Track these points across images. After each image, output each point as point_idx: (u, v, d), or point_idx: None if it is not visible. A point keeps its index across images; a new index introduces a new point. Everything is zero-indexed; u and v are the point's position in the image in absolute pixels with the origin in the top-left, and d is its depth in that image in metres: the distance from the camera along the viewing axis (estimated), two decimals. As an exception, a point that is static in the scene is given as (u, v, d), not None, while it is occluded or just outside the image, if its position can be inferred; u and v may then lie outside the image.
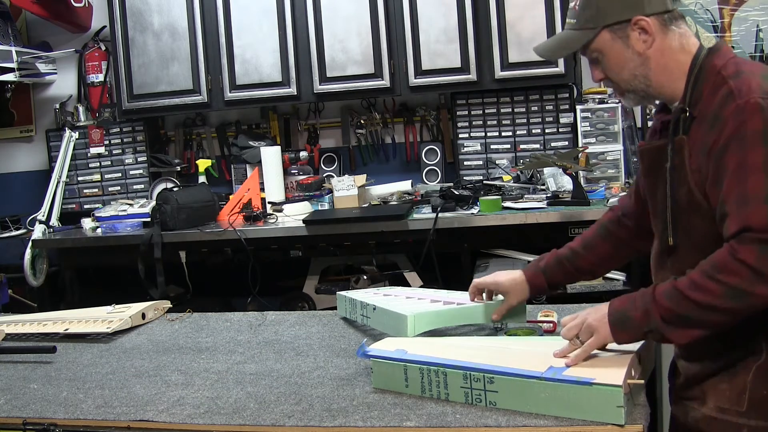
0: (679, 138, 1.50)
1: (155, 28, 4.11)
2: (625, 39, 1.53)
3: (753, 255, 1.35)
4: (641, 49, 1.53)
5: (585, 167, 3.58)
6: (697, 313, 1.40)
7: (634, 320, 1.46)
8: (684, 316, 1.42)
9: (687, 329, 1.42)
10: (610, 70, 1.58)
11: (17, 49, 4.19)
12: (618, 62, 1.56)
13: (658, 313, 1.43)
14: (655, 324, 1.44)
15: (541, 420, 1.46)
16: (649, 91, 1.56)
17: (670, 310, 1.42)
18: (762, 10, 3.93)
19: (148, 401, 1.76)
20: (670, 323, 1.43)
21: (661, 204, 1.56)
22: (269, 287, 3.71)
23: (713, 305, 1.39)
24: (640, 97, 1.59)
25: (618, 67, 1.56)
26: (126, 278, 3.85)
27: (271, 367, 1.95)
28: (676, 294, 1.42)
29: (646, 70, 1.54)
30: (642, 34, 1.52)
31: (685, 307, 1.41)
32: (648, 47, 1.53)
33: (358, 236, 3.56)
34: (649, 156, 1.61)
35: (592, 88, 4.00)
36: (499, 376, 1.52)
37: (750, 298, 1.37)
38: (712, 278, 1.39)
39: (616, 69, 1.57)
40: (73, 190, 4.44)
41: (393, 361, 1.67)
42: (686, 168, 1.49)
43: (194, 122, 4.56)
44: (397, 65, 3.93)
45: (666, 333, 1.44)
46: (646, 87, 1.56)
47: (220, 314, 2.56)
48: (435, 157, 4.29)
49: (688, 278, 1.42)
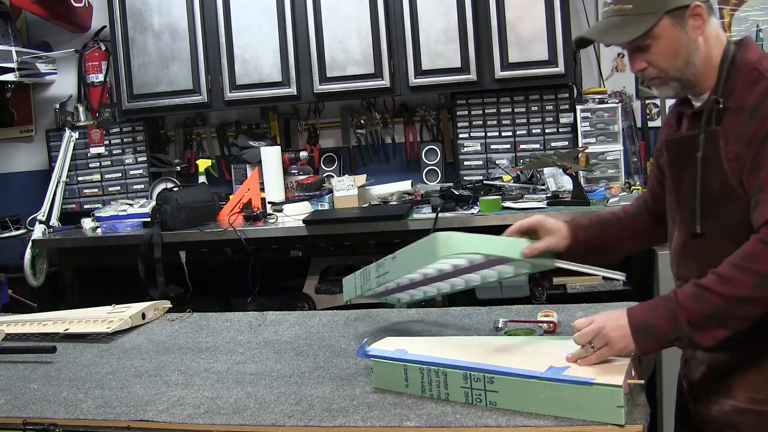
0: (712, 129, 1.49)
1: (155, 28, 4.11)
2: (683, 25, 1.51)
3: None
4: (695, 35, 1.52)
5: (585, 167, 3.58)
6: (728, 308, 1.38)
7: (659, 329, 1.42)
8: (714, 316, 1.39)
9: (717, 329, 1.39)
10: (662, 57, 1.53)
11: (17, 49, 4.20)
12: (673, 49, 1.52)
13: (685, 318, 1.40)
14: (682, 331, 1.40)
15: (541, 420, 1.46)
16: (692, 80, 1.55)
17: (698, 313, 1.39)
18: (762, 10, 3.93)
19: (148, 401, 1.76)
20: (699, 326, 1.39)
21: (688, 193, 1.54)
22: (269, 287, 3.71)
23: (746, 296, 1.36)
24: (683, 86, 1.56)
25: (672, 54, 1.52)
26: (126, 278, 3.85)
27: (271, 367, 1.95)
28: (702, 293, 1.40)
29: (696, 58, 1.53)
30: (697, 20, 1.51)
31: (715, 304, 1.38)
32: (700, 34, 1.52)
33: (358, 236, 3.56)
34: (676, 146, 1.60)
35: (592, 88, 4.01)
36: (499, 376, 1.52)
37: None
38: (743, 269, 1.37)
39: (669, 56, 1.53)
40: (73, 190, 4.44)
41: (393, 361, 1.67)
42: (721, 157, 1.48)
43: (194, 122, 4.56)
44: (397, 65, 3.93)
45: (695, 338, 1.40)
46: (692, 76, 1.54)
47: (220, 314, 2.56)
48: (435, 157, 4.29)
49: (713, 274, 1.40)
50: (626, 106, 3.94)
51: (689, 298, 1.41)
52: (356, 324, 2.29)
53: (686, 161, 1.55)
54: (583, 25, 4.10)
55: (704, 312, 1.39)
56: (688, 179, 1.55)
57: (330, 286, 3.88)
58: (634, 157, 3.93)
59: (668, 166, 1.63)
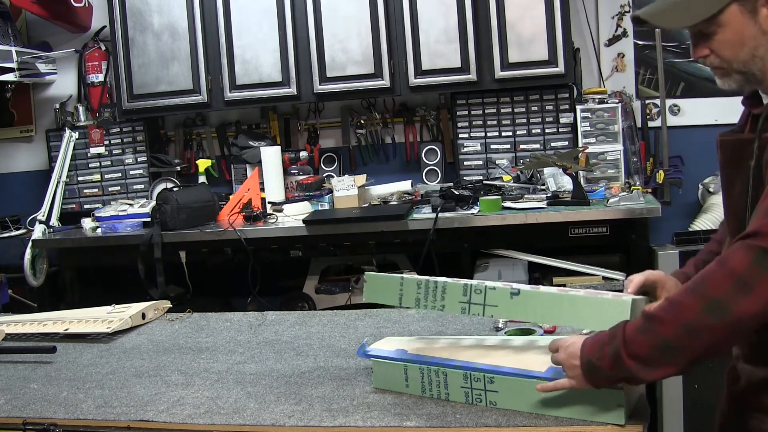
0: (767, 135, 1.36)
1: (155, 28, 4.11)
2: (753, 14, 1.37)
3: (745, 262, 1.23)
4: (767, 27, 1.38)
5: (585, 167, 3.58)
6: (677, 338, 1.26)
7: (604, 370, 1.33)
8: (663, 347, 1.27)
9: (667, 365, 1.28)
10: (726, 46, 1.40)
11: (17, 49, 4.19)
12: (739, 39, 1.39)
13: (629, 356, 1.29)
14: (626, 371, 1.30)
15: (541, 420, 1.46)
16: (758, 75, 1.41)
17: (646, 346, 1.28)
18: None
19: (148, 401, 1.76)
20: (647, 361, 1.28)
21: (738, 202, 1.42)
22: (269, 287, 3.71)
23: (693, 324, 1.24)
24: (747, 80, 1.43)
25: (737, 44, 1.39)
26: (126, 278, 3.85)
27: (271, 367, 1.95)
28: (650, 324, 1.29)
29: (765, 52, 1.39)
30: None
31: (663, 334, 1.27)
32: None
33: (358, 236, 3.56)
34: (729, 148, 1.47)
35: (592, 88, 4.01)
36: (500, 376, 1.52)
37: (731, 313, 1.23)
38: (692, 292, 1.26)
39: (733, 46, 1.39)
40: (73, 190, 4.44)
41: (393, 361, 1.67)
42: None
43: (194, 122, 4.56)
44: (397, 65, 3.93)
45: (642, 375, 1.30)
46: (758, 70, 1.41)
47: (220, 314, 2.56)
48: (435, 157, 4.29)
49: (665, 299, 1.31)
50: (626, 106, 3.94)
51: (637, 332, 1.30)
52: (356, 324, 2.29)
53: (738, 167, 1.42)
54: (583, 25, 4.11)
55: (652, 344, 1.28)
56: (739, 187, 1.42)
57: (330, 286, 3.88)
58: (634, 157, 3.93)
59: (720, 168, 1.51)
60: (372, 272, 1.70)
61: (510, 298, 1.49)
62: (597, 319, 1.40)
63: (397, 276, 1.65)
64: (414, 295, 1.61)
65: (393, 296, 1.64)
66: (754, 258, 1.23)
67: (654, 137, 4.05)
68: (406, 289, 1.62)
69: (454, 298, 1.56)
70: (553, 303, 1.45)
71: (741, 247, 1.26)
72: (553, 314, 1.45)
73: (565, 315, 1.43)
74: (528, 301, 1.47)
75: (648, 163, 4.00)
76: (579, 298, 1.44)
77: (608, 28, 4.11)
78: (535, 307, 1.47)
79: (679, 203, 4.02)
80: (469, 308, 1.54)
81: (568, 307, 1.43)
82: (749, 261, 1.24)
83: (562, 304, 1.44)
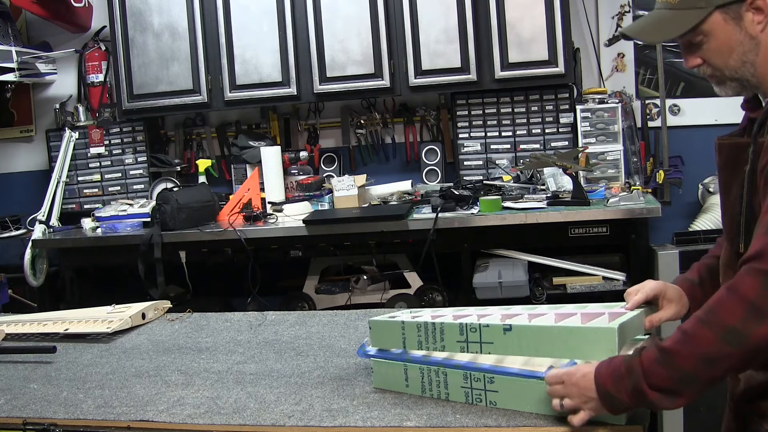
0: (763, 140, 1.35)
1: (155, 28, 4.11)
2: (738, 20, 1.38)
3: (756, 288, 1.23)
4: (755, 32, 1.37)
5: (585, 167, 3.58)
6: (694, 370, 1.26)
7: (623, 401, 1.32)
8: (681, 379, 1.27)
9: (689, 392, 1.28)
10: (716, 55, 1.40)
11: (17, 49, 4.19)
12: (727, 47, 1.39)
13: (650, 388, 1.28)
14: (649, 403, 1.31)
15: (541, 420, 1.46)
16: (752, 81, 1.41)
17: (664, 378, 1.27)
18: None
19: (148, 401, 1.76)
20: (668, 392, 1.28)
21: (733, 206, 1.42)
22: (269, 287, 3.71)
23: (708, 356, 1.24)
24: (742, 86, 1.43)
25: (726, 52, 1.39)
26: (126, 278, 3.85)
27: (271, 367, 1.95)
28: (667, 357, 1.27)
29: (755, 57, 1.39)
30: (757, 15, 1.37)
31: (679, 366, 1.26)
32: (761, 30, 1.38)
33: (358, 236, 3.56)
34: (727, 152, 1.46)
35: (592, 88, 4.01)
36: (500, 376, 1.52)
37: (748, 340, 1.22)
38: (705, 322, 1.25)
39: (722, 54, 1.40)
40: (73, 190, 4.44)
41: (393, 361, 1.67)
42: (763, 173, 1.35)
43: (194, 122, 4.56)
44: (397, 65, 3.93)
45: (666, 404, 1.30)
46: (751, 76, 1.40)
47: (220, 314, 2.56)
48: (435, 157, 4.29)
49: (678, 331, 1.29)
50: (626, 106, 3.94)
51: (655, 364, 1.29)
52: (356, 324, 2.29)
53: (735, 171, 1.42)
54: (583, 25, 4.11)
55: (672, 377, 1.27)
56: (735, 191, 1.42)
57: (330, 286, 3.87)
58: (634, 157, 3.93)
59: (718, 171, 1.50)
60: (374, 319, 1.71)
61: (503, 334, 1.50)
62: (586, 349, 1.41)
63: (398, 321, 1.66)
64: (416, 338, 1.63)
65: (397, 341, 1.66)
66: (763, 282, 1.23)
67: (654, 137, 4.05)
68: (408, 333, 1.64)
69: (452, 338, 1.58)
70: (544, 336, 1.47)
71: (748, 273, 1.26)
72: (545, 348, 1.47)
73: (557, 347, 1.45)
74: (521, 335, 1.49)
75: (648, 163, 4.00)
76: (567, 330, 1.44)
77: (608, 28, 4.11)
78: (528, 342, 1.48)
79: (679, 203, 4.02)
80: (468, 347, 1.56)
81: (559, 339, 1.44)
82: (759, 286, 1.23)
83: (552, 337, 1.45)
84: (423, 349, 1.63)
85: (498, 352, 1.53)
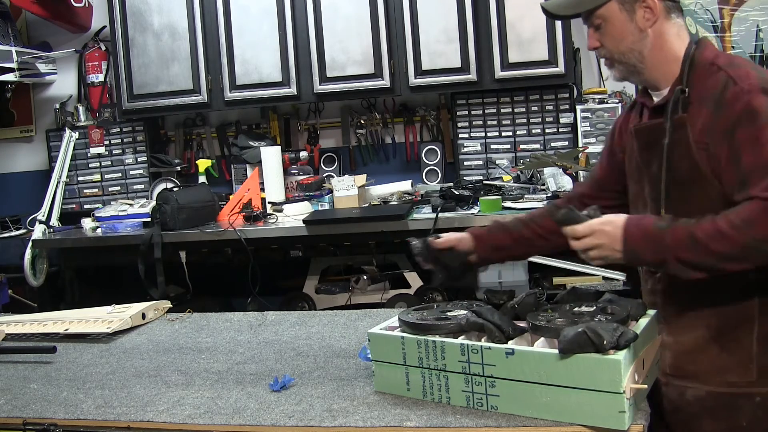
0: (679, 116, 1.57)
1: (155, 28, 4.11)
2: (631, 13, 1.60)
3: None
4: (643, 26, 1.60)
5: (585, 167, 3.58)
6: (715, 261, 1.45)
7: (645, 261, 1.57)
8: (700, 264, 1.47)
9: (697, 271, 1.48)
10: (609, 39, 1.63)
11: (17, 49, 4.19)
12: (619, 33, 1.62)
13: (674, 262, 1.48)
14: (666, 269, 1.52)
15: (542, 421, 1.46)
16: (638, 67, 1.63)
17: (688, 260, 1.47)
18: (762, 10, 3.93)
19: (148, 401, 1.76)
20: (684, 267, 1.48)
21: (656, 176, 1.62)
22: (269, 287, 3.71)
23: (733, 255, 1.43)
24: (629, 71, 1.66)
25: (618, 37, 1.62)
26: (126, 278, 3.85)
27: (271, 367, 1.95)
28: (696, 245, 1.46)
29: (642, 47, 1.61)
30: (647, 12, 1.60)
31: (706, 256, 1.45)
32: (650, 26, 1.60)
33: (358, 236, 3.56)
34: (645, 134, 1.66)
35: (592, 88, 4.01)
36: (501, 380, 1.51)
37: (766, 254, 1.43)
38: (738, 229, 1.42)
39: (615, 39, 1.63)
40: (73, 190, 4.44)
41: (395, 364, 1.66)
42: (690, 143, 1.55)
43: (194, 122, 4.56)
44: (397, 65, 3.93)
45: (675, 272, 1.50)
46: (637, 62, 1.63)
47: (220, 314, 2.56)
48: (435, 157, 4.29)
49: (711, 227, 1.44)
50: (626, 106, 3.93)
51: (683, 248, 1.47)
52: (356, 324, 2.29)
53: (654, 147, 1.62)
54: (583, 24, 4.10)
55: (694, 261, 1.47)
56: (656, 164, 1.62)
57: (330, 286, 3.87)
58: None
59: (638, 153, 1.69)
60: (373, 332, 1.70)
61: (506, 358, 1.50)
62: (590, 377, 1.41)
63: (397, 335, 1.65)
64: (416, 354, 1.62)
65: (397, 354, 1.65)
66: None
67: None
68: (408, 348, 1.63)
69: (453, 357, 1.57)
70: (546, 362, 1.46)
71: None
72: (548, 374, 1.46)
73: (560, 373, 1.44)
74: (523, 360, 1.49)
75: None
76: (571, 358, 1.44)
77: (608, 28, 4.11)
78: (531, 367, 1.48)
79: (679, 203, 4.01)
80: (470, 368, 1.55)
81: (562, 366, 1.44)
82: None
83: (555, 363, 1.45)
84: (423, 366, 1.61)
85: (501, 375, 1.51)
